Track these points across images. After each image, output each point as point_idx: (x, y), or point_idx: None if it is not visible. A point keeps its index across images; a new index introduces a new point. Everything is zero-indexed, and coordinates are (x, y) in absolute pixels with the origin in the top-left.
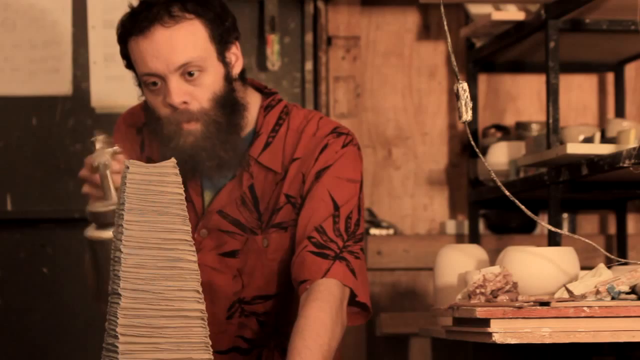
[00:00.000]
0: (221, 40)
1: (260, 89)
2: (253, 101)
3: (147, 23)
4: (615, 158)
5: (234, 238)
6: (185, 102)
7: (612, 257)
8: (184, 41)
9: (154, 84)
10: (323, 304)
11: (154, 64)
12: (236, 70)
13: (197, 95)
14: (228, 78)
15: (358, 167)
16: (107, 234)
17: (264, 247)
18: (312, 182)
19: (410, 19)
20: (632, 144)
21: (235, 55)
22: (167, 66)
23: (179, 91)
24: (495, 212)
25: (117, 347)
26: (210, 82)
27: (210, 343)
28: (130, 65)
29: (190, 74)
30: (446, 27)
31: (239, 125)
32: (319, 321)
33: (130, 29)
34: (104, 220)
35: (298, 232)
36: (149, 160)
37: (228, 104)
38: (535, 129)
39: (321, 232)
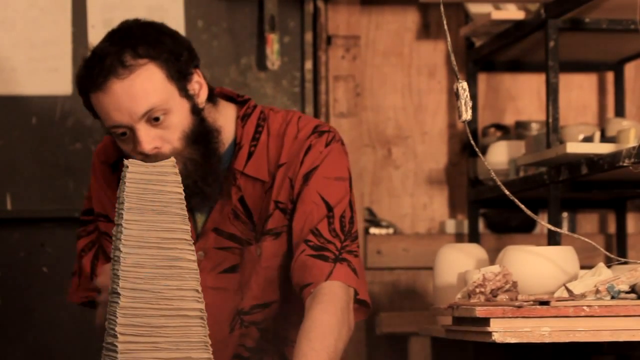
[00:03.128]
0: (180, 77)
1: (232, 98)
2: (228, 114)
3: (102, 78)
4: (615, 157)
5: (233, 253)
6: (156, 147)
7: (612, 256)
8: (142, 89)
9: (123, 134)
10: (328, 306)
11: (118, 117)
12: (202, 98)
13: (167, 137)
14: (195, 110)
15: (344, 163)
16: None
17: (257, 255)
18: (301, 185)
19: (410, 18)
20: (631, 143)
21: (199, 83)
22: (130, 117)
23: (147, 138)
24: (495, 211)
25: (116, 346)
26: (178, 121)
27: (210, 342)
28: (97, 115)
29: (156, 119)
30: (446, 27)
31: (216, 152)
32: (324, 323)
33: (88, 85)
34: None
35: (294, 237)
36: None
37: (200, 137)
38: (535, 128)
39: (317, 235)
